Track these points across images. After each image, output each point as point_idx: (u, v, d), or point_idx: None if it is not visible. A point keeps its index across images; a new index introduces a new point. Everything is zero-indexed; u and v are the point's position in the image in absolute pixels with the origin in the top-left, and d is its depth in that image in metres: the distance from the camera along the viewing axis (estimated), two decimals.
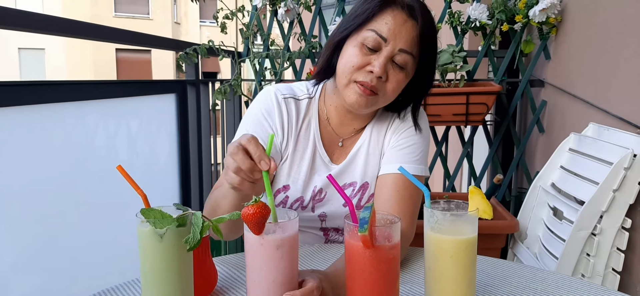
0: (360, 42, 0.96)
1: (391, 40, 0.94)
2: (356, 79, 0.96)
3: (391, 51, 0.94)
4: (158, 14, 18.70)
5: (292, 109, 1.06)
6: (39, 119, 1.33)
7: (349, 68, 0.97)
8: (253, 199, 0.68)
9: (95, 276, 1.50)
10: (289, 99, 1.07)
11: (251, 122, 1.05)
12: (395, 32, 0.94)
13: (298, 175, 1.06)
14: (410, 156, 1.05)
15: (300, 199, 1.07)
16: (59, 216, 1.40)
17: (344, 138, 1.10)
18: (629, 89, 1.52)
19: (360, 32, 0.96)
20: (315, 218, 1.09)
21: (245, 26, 2.31)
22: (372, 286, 0.68)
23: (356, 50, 0.96)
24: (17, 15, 1.21)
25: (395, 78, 0.96)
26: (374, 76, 0.94)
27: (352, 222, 0.69)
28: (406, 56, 0.95)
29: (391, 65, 0.96)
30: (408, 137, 1.06)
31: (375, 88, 0.95)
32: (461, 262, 0.70)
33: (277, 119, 1.04)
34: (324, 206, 1.08)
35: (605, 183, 1.34)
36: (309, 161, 1.06)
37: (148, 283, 0.71)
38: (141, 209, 0.69)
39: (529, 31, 2.18)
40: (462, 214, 0.72)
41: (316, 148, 1.07)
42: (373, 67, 0.94)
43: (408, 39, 0.94)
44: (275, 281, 0.69)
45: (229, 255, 1.02)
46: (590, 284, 0.89)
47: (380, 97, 0.98)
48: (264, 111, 1.05)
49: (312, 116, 1.08)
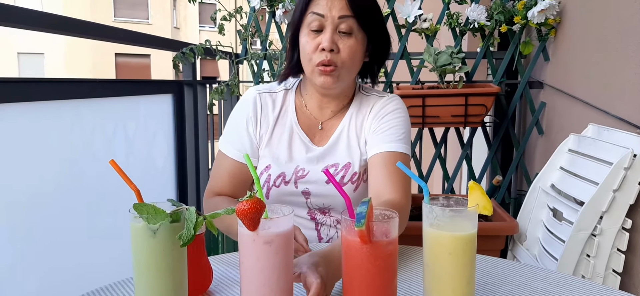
0: (307, 29, 1.07)
1: (328, 14, 1.04)
2: (316, 62, 1.06)
3: (332, 23, 1.04)
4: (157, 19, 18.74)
5: (267, 102, 1.18)
6: (35, 116, 1.32)
7: (306, 56, 1.08)
8: (247, 195, 0.67)
9: (93, 275, 1.48)
10: (264, 93, 1.19)
11: (230, 121, 1.21)
12: (329, 5, 1.04)
13: (278, 155, 1.15)
14: (392, 136, 1.11)
15: (282, 174, 1.15)
16: (54, 215, 1.38)
17: (323, 121, 1.18)
18: (628, 90, 1.51)
19: (305, 20, 1.07)
20: (299, 194, 1.15)
21: (243, 28, 2.31)
22: (370, 282, 0.66)
23: (307, 37, 1.07)
24: (18, 12, 1.20)
25: (347, 45, 1.06)
26: (327, 51, 1.04)
27: (349, 217, 0.68)
28: (348, 21, 1.05)
29: (339, 36, 1.06)
30: (389, 120, 1.14)
31: (332, 62, 1.05)
32: (460, 259, 0.69)
33: (251, 111, 1.17)
34: (307, 183, 1.14)
35: (605, 183, 1.33)
36: (287, 142, 1.16)
37: (141, 280, 0.69)
38: (134, 204, 0.67)
39: (527, 32, 2.18)
40: (461, 210, 0.71)
41: (293, 130, 1.17)
42: (322, 44, 1.04)
43: (342, 6, 1.04)
44: (269, 277, 0.68)
45: (224, 254, 1.01)
46: (592, 283, 0.88)
47: (341, 69, 1.07)
48: (239, 107, 1.19)
49: (288, 104, 1.19)
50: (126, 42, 1.72)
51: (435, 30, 2.15)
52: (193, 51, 2.13)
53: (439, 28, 2.16)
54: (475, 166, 2.28)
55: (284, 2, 2.19)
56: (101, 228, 1.58)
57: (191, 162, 2.21)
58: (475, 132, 2.24)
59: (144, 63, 18.26)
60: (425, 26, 2.14)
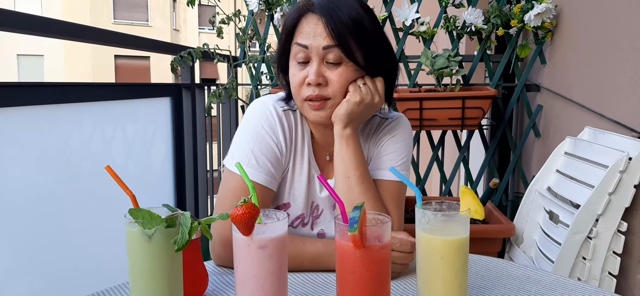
0: (294, 61, 0.98)
1: (312, 44, 0.94)
2: (304, 97, 0.97)
3: (317, 54, 0.95)
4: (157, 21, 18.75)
5: (291, 122, 1.04)
6: (34, 120, 1.33)
7: (295, 90, 0.99)
8: (242, 200, 0.67)
9: (90, 279, 1.49)
10: (288, 111, 1.04)
11: (254, 139, 0.99)
12: (312, 35, 0.94)
13: (298, 192, 1.05)
14: (392, 162, 1.05)
15: (301, 216, 1.06)
16: (53, 218, 1.39)
17: (330, 152, 1.08)
18: (624, 93, 1.52)
19: (291, 50, 0.99)
20: (315, 236, 1.08)
21: (242, 31, 2.31)
22: (363, 287, 0.67)
23: (294, 70, 0.98)
24: (17, 17, 1.21)
25: (336, 76, 0.96)
26: (314, 86, 0.95)
27: (342, 222, 0.68)
28: (334, 51, 0.94)
29: (327, 66, 0.96)
30: (390, 144, 1.07)
31: (321, 96, 0.96)
32: (452, 263, 0.70)
33: (281, 135, 1.01)
34: (321, 224, 1.08)
35: (600, 186, 1.34)
36: (306, 177, 1.04)
37: (136, 285, 0.70)
38: (129, 210, 0.68)
39: (524, 36, 2.18)
40: (453, 215, 0.71)
41: (311, 163, 1.05)
42: (309, 79, 0.95)
43: (325, 35, 0.93)
44: (263, 282, 0.68)
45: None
46: (585, 285, 0.88)
47: (332, 101, 0.97)
48: (266, 126, 1.01)
49: (305, 127, 1.06)
50: (124, 46, 1.73)
51: (432, 33, 2.16)
52: (191, 54, 2.14)
53: (436, 31, 2.17)
54: (473, 169, 2.29)
55: (282, 5, 2.20)
56: (99, 231, 1.58)
57: (189, 165, 2.22)
58: (472, 135, 2.25)
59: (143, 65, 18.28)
60: (422, 29, 2.15)
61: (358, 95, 0.97)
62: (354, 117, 0.99)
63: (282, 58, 1.02)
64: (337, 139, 1.00)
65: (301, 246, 0.93)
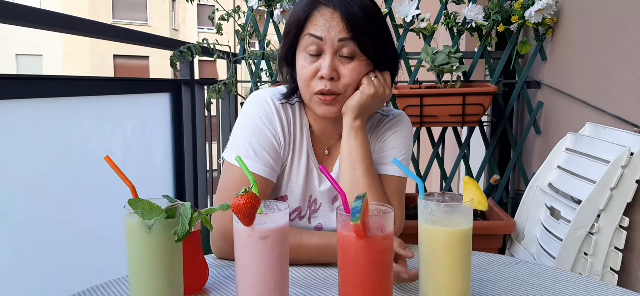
0: (304, 52, 0.96)
1: (327, 36, 0.93)
2: (314, 91, 0.96)
3: (332, 47, 0.94)
4: (156, 21, 18.72)
5: (289, 114, 1.03)
6: (33, 113, 1.32)
7: (303, 82, 0.97)
8: (242, 190, 0.66)
9: (91, 274, 1.48)
10: (285, 104, 1.04)
11: (252, 131, 0.99)
12: (327, 27, 0.93)
13: (295, 185, 1.05)
14: (391, 158, 1.04)
15: (298, 209, 1.06)
16: (50, 212, 1.38)
17: (329, 146, 1.09)
18: (625, 88, 1.51)
19: (301, 42, 0.97)
20: (312, 229, 1.08)
21: (241, 27, 2.30)
22: (365, 277, 0.66)
23: (304, 62, 0.97)
24: (17, 9, 1.20)
25: (349, 70, 0.95)
26: (326, 80, 0.94)
27: (344, 212, 0.68)
28: (350, 45, 0.94)
29: (340, 60, 0.95)
30: (392, 140, 1.08)
31: (333, 90, 0.95)
32: (455, 254, 0.69)
33: (279, 127, 1.01)
34: (319, 217, 1.08)
35: (602, 181, 1.33)
36: (304, 170, 1.04)
37: (136, 276, 0.69)
38: (129, 200, 0.67)
39: (525, 32, 2.18)
40: (456, 206, 0.71)
41: (309, 156, 1.05)
42: (322, 72, 0.94)
43: (341, 28, 0.93)
44: (264, 273, 0.68)
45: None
46: (588, 278, 0.88)
47: (342, 95, 0.97)
48: (263, 118, 1.00)
49: (303, 120, 1.05)
50: (124, 41, 1.72)
51: (432, 30, 2.15)
52: (190, 49, 2.13)
53: (436, 28, 2.16)
54: (473, 166, 2.28)
55: (282, 2, 2.19)
56: (97, 225, 1.57)
57: (189, 161, 2.21)
58: (472, 131, 2.24)
59: (142, 65, 18.24)
60: (422, 26, 2.14)
61: (372, 87, 0.97)
62: (365, 110, 0.99)
63: (289, 51, 1.01)
64: (346, 130, 1.00)
65: (298, 239, 0.93)
